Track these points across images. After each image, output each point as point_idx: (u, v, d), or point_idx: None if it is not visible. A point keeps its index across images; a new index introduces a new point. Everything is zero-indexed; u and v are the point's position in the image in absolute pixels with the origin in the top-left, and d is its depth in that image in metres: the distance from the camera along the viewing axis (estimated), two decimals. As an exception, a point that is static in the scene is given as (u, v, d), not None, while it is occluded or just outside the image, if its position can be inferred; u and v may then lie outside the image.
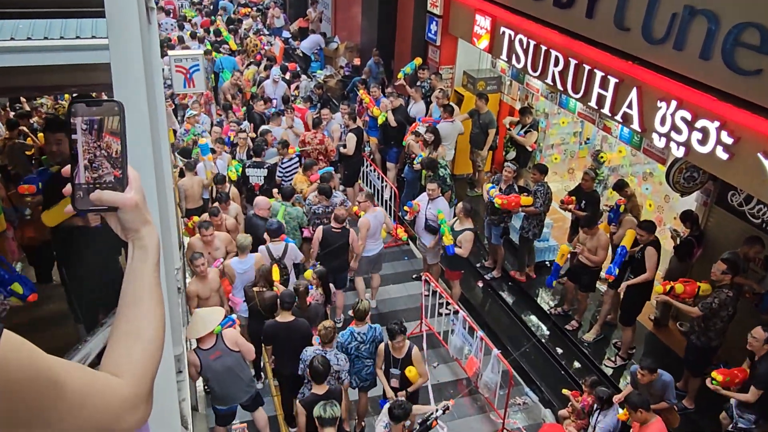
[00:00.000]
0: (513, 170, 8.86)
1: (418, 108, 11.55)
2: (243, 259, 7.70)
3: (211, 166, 9.71)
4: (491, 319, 9.13)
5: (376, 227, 8.63)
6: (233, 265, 7.69)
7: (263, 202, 8.63)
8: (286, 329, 6.59)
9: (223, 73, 15.82)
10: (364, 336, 6.73)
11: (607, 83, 7.64)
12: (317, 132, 10.68)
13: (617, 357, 8.01)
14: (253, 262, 7.65)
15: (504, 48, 9.67)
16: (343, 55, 17.28)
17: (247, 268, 7.64)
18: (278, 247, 7.92)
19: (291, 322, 6.63)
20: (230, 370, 6.19)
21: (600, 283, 9.23)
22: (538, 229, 9.06)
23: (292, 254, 8.04)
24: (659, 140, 6.97)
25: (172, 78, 9.53)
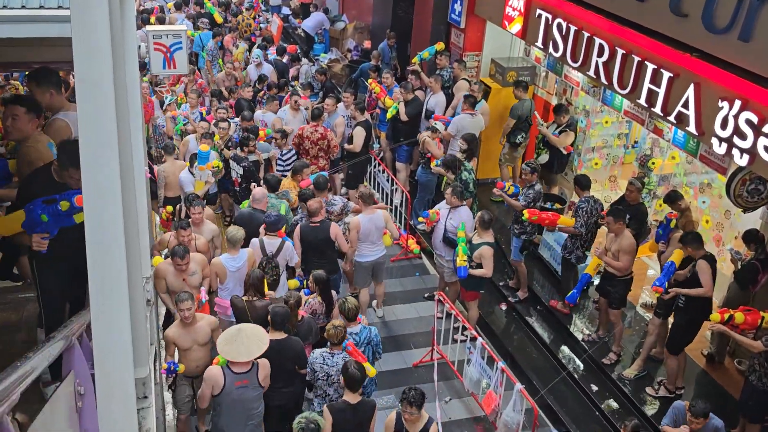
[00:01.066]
0: (529, 171, 8.97)
1: (437, 100, 11.52)
2: (234, 255, 7.78)
3: (207, 176, 9.57)
4: (515, 348, 9.06)
5: (369, 230, 8.65)
6: (224, 261, 7.76)
7: (261, 194, 8.77)
8: (276, 349, 6.48)
9: (204, 53, 15.87)
10: (357, 337, 6.92)
11: (659, 78, 7.57)
12: (318, 125, 10.64)
13: (661, 386, 7.99)
14: (245, 258, 7.78)
15: (540, 33, 9.61)
16: (352, 36, 17.31)
17: (239, 266, 7.75)
18: (273, 243, 8.05)
19: (283, 341, 6.60)
20: (246, 404, 6.21)
21: (644, 310, 9.17)
22: (581, 252, 8.96)
23: (287, 253, 8.13)
24: (719, 146, 6.89)
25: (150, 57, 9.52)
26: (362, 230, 8.60)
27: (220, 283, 7.87)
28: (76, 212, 4.07)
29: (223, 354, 6.09)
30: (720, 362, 8.36)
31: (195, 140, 10.68)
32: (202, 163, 9.52)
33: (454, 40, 12.41)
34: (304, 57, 16.75)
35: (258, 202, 8.70)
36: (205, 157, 9.55)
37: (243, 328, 6.28)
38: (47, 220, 4.13)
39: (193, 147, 10.51)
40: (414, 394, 5.92)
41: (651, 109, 7.81)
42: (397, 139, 11.61)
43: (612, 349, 8.54)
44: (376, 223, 8.69)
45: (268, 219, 8.10)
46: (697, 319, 7.51)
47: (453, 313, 8.28)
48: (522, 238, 9.25)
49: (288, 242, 8.19)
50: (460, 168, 9.55)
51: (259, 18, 18.62)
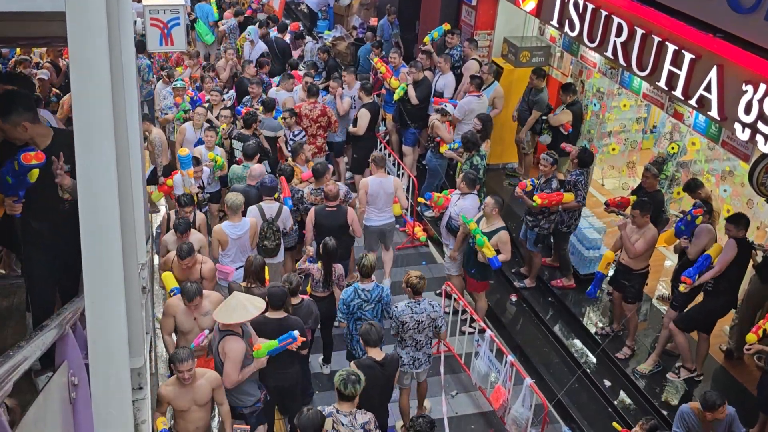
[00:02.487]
0: (550, 163, 8.92)
1: (446, 81, 11.49)
2: (236, 223, 8.12)
3: (191, 184, 9.06)
4: (524, 342, 9.09)
5: (377, 194, 9.02)
6: (225, 228, 8.10)
7: (259, 171, 8.95)
8: (276, 328, 6.62)
9: (197, 24, 15.84)
10: (369, 294, 7.27)
11: (680, 59, 7.53)
12: (315, 102, 10.79)
13: (680, 369, 8.08)
14: (247, 227, 8.16)
15: (555, 12, 9.57)
16: (357, 13, 17.25)
17: (240, 233, 8.11)
18: (272, 207, 8.42)
19: (282, 320, 6.74)
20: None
21: (660, 303, 9.17)
22: (574, 221, 9.22)
23: (285, 217, 8.51)
24: (743, 132, 6.87)
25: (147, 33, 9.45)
26: (370, 192, 8.98)
27: (221, 250, 8.20)
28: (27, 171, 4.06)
29: (216, 317, 6.23)
30: (739, 358, 8.37)
31: (192, 128, 10.40)
32: (183, 168, 9.04)
33: (464, 18, 12.35)
34: (308, 34, 16.69)
35: (254, 178, 8.90)
36: (186, 162, 9.05)
37: (237, 296, 6.40)
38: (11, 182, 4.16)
39: (190, 135, 10.35)
40: (422, 423, 5.93)
41: (671, 92, 7.78)
42: (405, 122, 11.59)
43: (626, 343, 8.56)
44: (386, 188, 9.04)
45: (264, 183, 8.50)
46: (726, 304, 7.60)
47: (462, 304, 8.30)
48: (535, 231, 9.26)
49: (285, 207, 8.53)
50: (477, 149, 9.57)
51: None
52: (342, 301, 7.37)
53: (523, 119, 11.16)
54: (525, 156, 11.57)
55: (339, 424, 5.78)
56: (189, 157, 9.08)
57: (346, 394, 5.81)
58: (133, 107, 5.45)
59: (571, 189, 8.89)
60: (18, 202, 4.26)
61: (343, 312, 7.38)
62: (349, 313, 7.33)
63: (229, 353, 6.17)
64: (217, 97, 11.23)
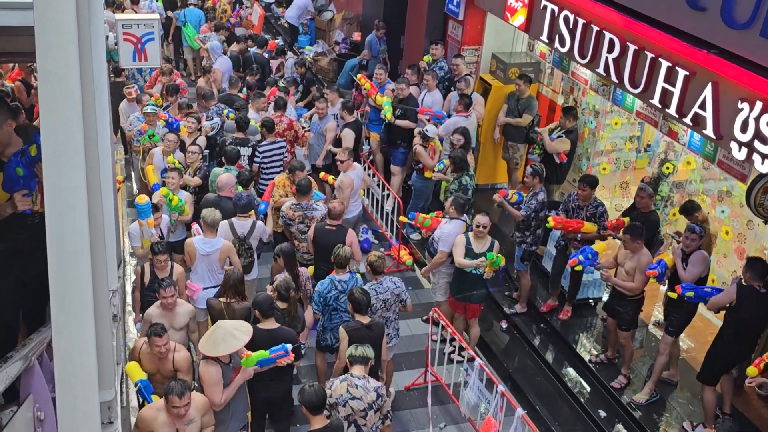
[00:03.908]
0: (530, 174, 9.08)
1: (433, 98, 11.54)
2: (209, 239, 8.13)
3: (150, 235, 8.34)
4: (516, 371, 9.07)
5: (358, 186, 9.86)
6: (196, 243, 8.16)
7: (226, 181, 9.06)
8: (267, 339, 6.69)
9: (186, 28, 15.94)
10: (345, 285, 7.61)
11: (674, 76, 7.61)
12: (282, 115, 10.94)
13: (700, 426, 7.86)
14: (220, 245, 8.13)
15: (545, 27, 9.67)
16: (340, 27, 17.35)
17: (210, 251, 8.10)
18: (244, 224, 8.55)
19: (274, 331, 6.84)
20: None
21: (656, 329, 9.19)
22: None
23: (259, 232, 8.72)
24: (739, 151, 6.93)
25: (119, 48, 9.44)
26: (355, 187, 9.71)
27: (191, 263, 8.28)
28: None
29: (204, 351, 6.27)
30: (739, 386, 8.37)
31: (161, 155, 10.07)
32: (141, 217, 8.23)
33: (451, 33, 12.45)
34: (289, 50, 16.76)
35: (222, 189, 9.02)
36: (145, 211, 8.20)
37: (220, 325, 6.43)
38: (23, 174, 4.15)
39: (158, 162, 10.02)
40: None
41: (665, 110, 7.85)
42: (394, 141, 11.63)
43: (621, 371, 8.56)
44: (360, 176, 10.00)
45: (238, 201, 8.59)
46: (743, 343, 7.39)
47: (450, 331, 8.28)
48: (522, 247, 9.29)
49: (259, 222, 8.75)
50: (467, 168, 9.63)
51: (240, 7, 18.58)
52: (318, 294, 7.63)
53: (511, 133, 11.21)
54: (514, 170, 11.60)
55: (353, 387, 6.25)
56: (148, 205, 8.26)
57: (357, 355, 6.38)
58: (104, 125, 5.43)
59: (594, 219, 8.84)
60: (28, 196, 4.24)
61: (319, 304, 7.66)
62: (325, 305, 7.65)
63: (203, 377, 6.23)
64: (193, 124, 10.65)
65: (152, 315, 7.29)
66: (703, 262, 7.77)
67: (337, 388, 6.24)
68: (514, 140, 11.29)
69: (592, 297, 9.73)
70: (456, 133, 10.17)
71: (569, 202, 9.04)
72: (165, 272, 7.81)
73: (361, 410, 6.22)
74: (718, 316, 8.13)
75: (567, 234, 8.96)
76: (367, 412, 6.23)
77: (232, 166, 9.70)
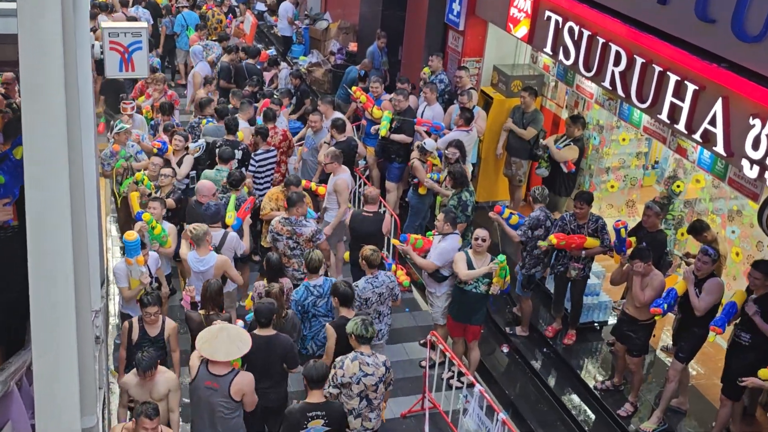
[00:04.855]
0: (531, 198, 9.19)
1: (433, 112, 11.55)
2: (202, 257, 8.20)
3: (140, 274, 7.89)
4: (517, 397, 9.03)
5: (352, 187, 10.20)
6: (190, 260, 8.24)
7: (205, 188, 9.17)
8: (264, 346, 6.91)
9: (189, 32, 16.12)
10: (321, 289, 7.89)
11: (683, 91, 7.65)
12: (275, 127, 11.07)
13: None
14: (214, 261, 8.21)
15: (548, 38, 9.71)
16: (335, 37, 17.42)
17: (204, 269, 8.18)
18: (216, 235, 8.61)
19: (271, 338, 7.00)
20: (212, 407, 6.48)
21: (665, 354, 9.17)
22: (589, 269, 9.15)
23: (232, 244, 8.73)
24: (750, 169, 6.95)
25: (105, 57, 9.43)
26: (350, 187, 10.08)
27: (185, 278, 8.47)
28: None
29: (201, 351, 6.43)
30: (751, 414, 8.36)
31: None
32: (130, 255, 7.74)
33: (451, 44, 12.51)
34: (282, 60, 16.83)
35: (201, 194, 9.14)
36: (133, 248, 7.71)
37: (226, 327, 6.63)
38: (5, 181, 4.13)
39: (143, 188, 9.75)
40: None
41: (674, 125, 7.88)
42: (388, 155, 11.63)
43: (629, 399, 8.52)
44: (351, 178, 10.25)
45: (206, 211, 8.79)
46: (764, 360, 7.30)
47: (448, 356, 8.25)
48: (522, 272, 9.30)
49: (232, 233, 8.81)
50: (467, 184, 9.67)
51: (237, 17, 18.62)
52: (294, 303, 7.81)
53: (515, 148, 11.25)
54: (517, 188, 11.62)
55: (365, 365, 6.71)
56: (137, 242, 7.73)
57: (368, 336, 6.77)
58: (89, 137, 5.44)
59: (596, 234, 8.83)
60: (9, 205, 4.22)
61: (297, 312, 7.79)
62: (303, 312, 7.83)
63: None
64: (180, 142, 10.52)
65: (129, 384, 6.76)
66: (718, 290, 7.63)
67: (350, 368, 6.68)
68: (518, 156, 11.31)
69: (597, 321, 9.70)
70: (450, 147, 10.18)
71: (566, 224, 8.96)
72: (156, 328, 7.31)
73: (373, 385, 6.77)
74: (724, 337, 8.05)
75: (571, 252, 8.93)
76: (378, 385, 6.81)
77: (225, 166, 9.90)
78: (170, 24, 16.55)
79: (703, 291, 7.61)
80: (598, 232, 8.82)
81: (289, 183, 9.53)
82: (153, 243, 8.52)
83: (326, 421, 6.38)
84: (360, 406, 6.78)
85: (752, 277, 7.37)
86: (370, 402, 6.85)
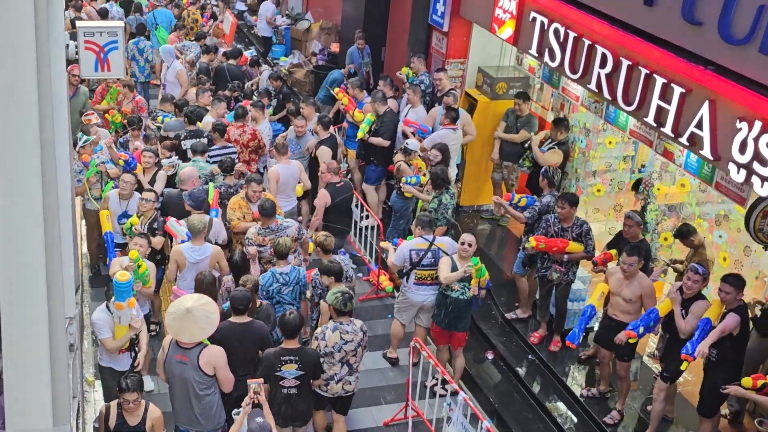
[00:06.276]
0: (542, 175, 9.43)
1: (416, 115, 11.57)
2: (198, 246, 8.46)
3: (131, 318, 7.28)
4: (502, 405, 9.04)
5: (287, 180, 10.23)
6: (184, 251, 8.44)
7: (189, 176, 9.42)
8: (239, 333, 7.21)
9: (158, 31, 15.95)
10: (287, 277, 8.19)
11: (670, 93, 7.70)
12: (244, 125, 11.12)
13: None
14: (209, 253, 8.50)
15: (534, 40, 9.75)
16: (317, 38, 17.42)
17: (200, 258, 8.44)
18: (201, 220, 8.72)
19: (246, 324, 7.27)
20: (187, 384, 6.76)
21: (651, 361, 9.19)
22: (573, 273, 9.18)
23: (216, 230, 8.97)
24: (737, 173, 7.00)
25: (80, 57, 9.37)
26: (282, 180, 10.13)
27: (179, 271, 8.53)
28: None
29: (168, 329, 6.74)
30: (740, 422, 8.41)
31: (117, 198, 9.46)
32: (121, 299, 7.05)
33: (435, 45, 12.53)
34: (264, 62, 16.79)
35: (185, 183, 9.39)
36: (125, 290, 7.03)
37: (192, 309, 6.71)
38: None
39: (114, 207, 9.43)
40: None
41: (660, 129, 7.93)
42: (368, 158, 11.64)
43: (616, 406, 8.53)
44: (293, 174, 10.32)
45: (191, 196, 9.05)
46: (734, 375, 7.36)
47: (431, 363, 8.26)
48: (524, 251, 9.45)
49: (216, 219, 9.06)
50: (447, 186, 9.68)
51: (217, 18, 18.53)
52: (260, 287, 8.00)
53: (509, 153, 11.30)
54: (510, 191, 11.68)
55: (345, 333, 7.30)
56: (130, 283, 7.08)
57: (346, 311, 7.30)
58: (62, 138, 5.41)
59: (580, 239, 8.87)
60: None
61: (262, 298, 7.97)
62: (268, 298, 8.07)
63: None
64: (151, 159, 10.13)
65: None
66: (704, 311, 7.51)
67: (331, 338, 7.26)
68: (510, 160, 11.35)
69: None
70: (434, 149, 10.22)
71: (550, 227, 8.99)
72: (136, 416, 6.55)
73: (353, 350, 7.37)
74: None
75: (553, 255, 8.96)
76: (357, 350, 7.42)
77: (201, 158, 10.09)
78: (135, 22, 16.27)
79: (690, 313, 7.52)
80: (582, 237, 8.86)
81: (250, 180, 9.46)
82: (136, 282, 7.80)
83: (299, 365, 7.00)
84: (342, 371, 7.37)
85: (722, 292, 7.31)
86: (351, 366, 7.43)
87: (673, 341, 7.72)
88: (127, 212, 9.32)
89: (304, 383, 7.13)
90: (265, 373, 6.96)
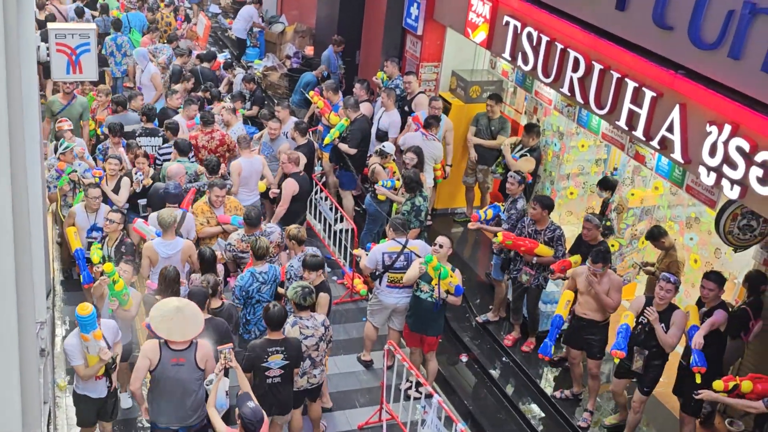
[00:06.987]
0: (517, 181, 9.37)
1: (390, 119, 11.58)
2: (168, 241, 8.56)
3: (98, 350, 6.84)
4: (476, 408, 9.07)
5: (250, 174, 10.38)
6: (156, 246, 8.55)
7: (176, 170, 9.75)
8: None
9: (131, 34, 15.85)
10: (266, 276, 8.27)
11: (641, 97, 7.77)
12: (213, 131, 11.14)
13: None
14: (180, 248, 8.59)
15: (507, 44, 9.81)
16: (292, 41, 17.41)
17: (171, 253, 8.54)
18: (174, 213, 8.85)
19: (206, 320, 7.18)
20: (183, 384, 6.76)
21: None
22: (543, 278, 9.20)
23: (188, 225, 9.12)
24: (707, 176, 7.08)
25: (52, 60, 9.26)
26: (244, 174, 10.27)
27: (152, 266, 8.58)
28: None
29: (158, 332, 6.67)
30: (711, 422, 8.48)
31: (84, 212, 9.30)
32: (85, 331, 6.73)
33: (409, 49, 12.56)
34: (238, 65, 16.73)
35: (171, 179, 9.59)
36: (88, 323, 6.70)
37: (182, 308, 6.79)
38: None
39: (82, 221, 9.26)
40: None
41: (632, 132, 8.00)
42: (340, 162, 11.62)
43: (587, 407, 8.59)
44: (256, 168, 10.48)
45: (167, 190, 9.19)
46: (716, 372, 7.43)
47: (405, 365, 8.27)
48: (501, 256, 9.44)
49: (189, 214, 9.21)
50: (420, 189, 9.70)
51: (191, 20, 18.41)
52: (239, 288, 8.13)
53: (483, 156, 11.33)
54: (484, 195, 11.76)
55: (305, 328, 7.38)
56: (93, 316, 6.72)
57: (306, 305, 7.36)
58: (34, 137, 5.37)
59: (551, 243, 8.89)
60: None
61: (240, 298, 8.15)
62: (247, 298, 8.17)
63: None
64: (116, 166, 9.93)
65: None
66: (685, 321, 7.59)
67: (290, 333, 7.29)
68: (485, 163, 11.37)
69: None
70: (409, 152, 10.24)
71: (524, 228, 9.06)
72: None
73: (314, 345, 7.45)
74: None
75: (523, 257, 8.99)
76: (318, 344, 7.50)
77: (185, 157, 10.26)
78: (102, 24, 16.05)
79: (673, 325, 7.56)
80: (554, 242, 8.90)
81: (213, 185, 9.45)
82: (112, 301, 7.49)
83: (285, 355, 7.11)
84: (304, 365, 7.45)
85: (705, 288, 7.48)
86: (313, 360, 7.52)
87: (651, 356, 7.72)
88: (96, 224, 9.22)
89: (288, 372, 7.25)
90: (250, 365, 7.07)
